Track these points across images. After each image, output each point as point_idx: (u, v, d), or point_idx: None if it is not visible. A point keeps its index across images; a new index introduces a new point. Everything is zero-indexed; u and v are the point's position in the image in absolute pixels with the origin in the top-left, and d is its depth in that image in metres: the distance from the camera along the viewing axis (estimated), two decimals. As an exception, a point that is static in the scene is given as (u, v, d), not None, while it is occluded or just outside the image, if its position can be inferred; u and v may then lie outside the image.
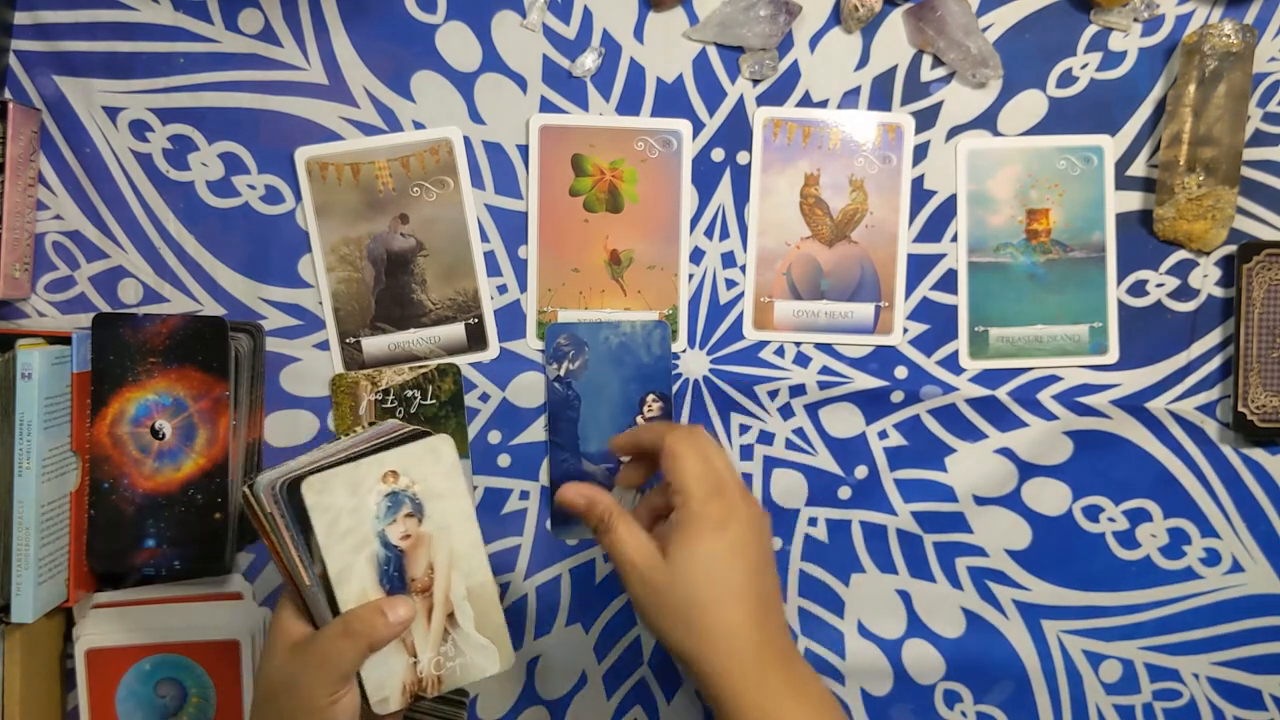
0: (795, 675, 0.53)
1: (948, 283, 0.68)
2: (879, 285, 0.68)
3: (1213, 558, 0.69)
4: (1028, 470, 0.69)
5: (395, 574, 0.53)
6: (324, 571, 0.50)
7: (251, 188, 0.66)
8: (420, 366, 0.67)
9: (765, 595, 0.53)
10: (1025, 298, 0.68)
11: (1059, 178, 0.67)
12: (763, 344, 0.68)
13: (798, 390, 0.68)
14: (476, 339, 0.67)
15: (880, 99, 0.67)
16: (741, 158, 0.67)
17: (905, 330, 0.68)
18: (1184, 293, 0.68)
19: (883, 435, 0.69)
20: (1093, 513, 0.69)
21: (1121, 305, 0.68)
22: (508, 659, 0.56)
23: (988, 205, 0.67)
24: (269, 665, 0.51)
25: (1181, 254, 0.68)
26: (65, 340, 0.62)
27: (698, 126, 0.67)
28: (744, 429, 0.69)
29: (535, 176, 0.66)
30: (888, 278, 0.68)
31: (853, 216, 0.67)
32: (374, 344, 0.67)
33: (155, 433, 0.62)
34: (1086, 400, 0.68)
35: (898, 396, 0.68)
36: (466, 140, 0.66)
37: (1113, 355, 0.68)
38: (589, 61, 0.66)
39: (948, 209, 0.68)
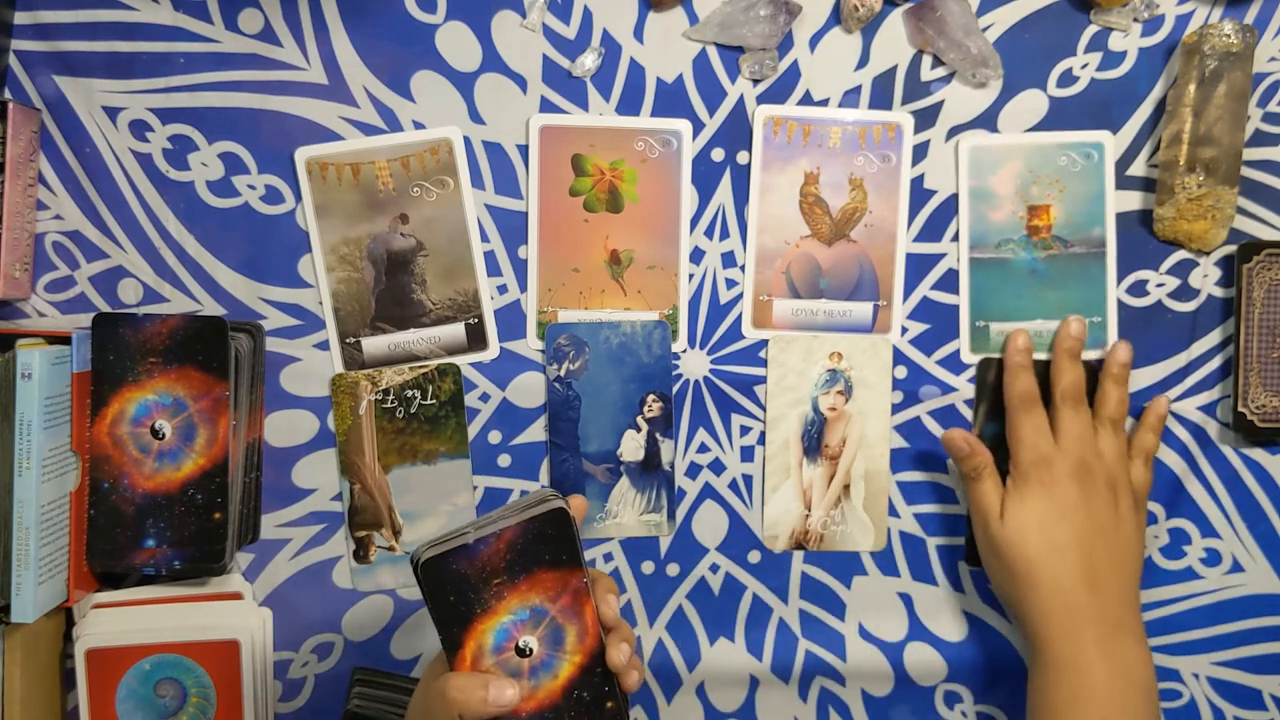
0: (1116, 642, 0.60)
1: (948, 282, 0.68)
2: (877, 284, 0.68)
3: (1213, 558, 0.69)
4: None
5: (815, 435, 0.67)
6: (447, 638, 0.50)
7: (251, 188, 0.66)
8: (420, 366, 0.67)
9: (1097, 560, 0.61)
10: (1026, 293, 0.68)
11: (1060, 174, 0.67)
12: (762, 343, 0.68)
13: (798, 390, 0.68)
14: (476, 339, 0.67)
15: (880, 99, 0.67)
16: (741, 157, 0.67)
17: (904, 330, 0.68)
18: (1184, 293, 0.68)
19: (883, 435, 0.69)
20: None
21: (1121, 305, 0.68)
22: (880, 542, 0.68)
23: (989, 201, 0.67)
24: (420, 683, 0.53)
25: (1181, 254, 0.68)
26: (65, 340, 0.61)
27: (698, 126, 0.67)
28: (744, 429, 0.69)
29: (535, 176, 0.66)
30: (886, 277, 0.68)
31: (852, 215, 0.67)
32: (374, 344, 0.67)
33: (155, 433, 0.62)
34: (1087, 400, 0.68)
35: (897, 397, 0.68)
36: (466, 140, 0.66)
37: None
38: (589, 61, 0.66)
39: (948, 208, 0.68)
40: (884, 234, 0.67)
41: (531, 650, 0.50)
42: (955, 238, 0.68)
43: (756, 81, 0.67)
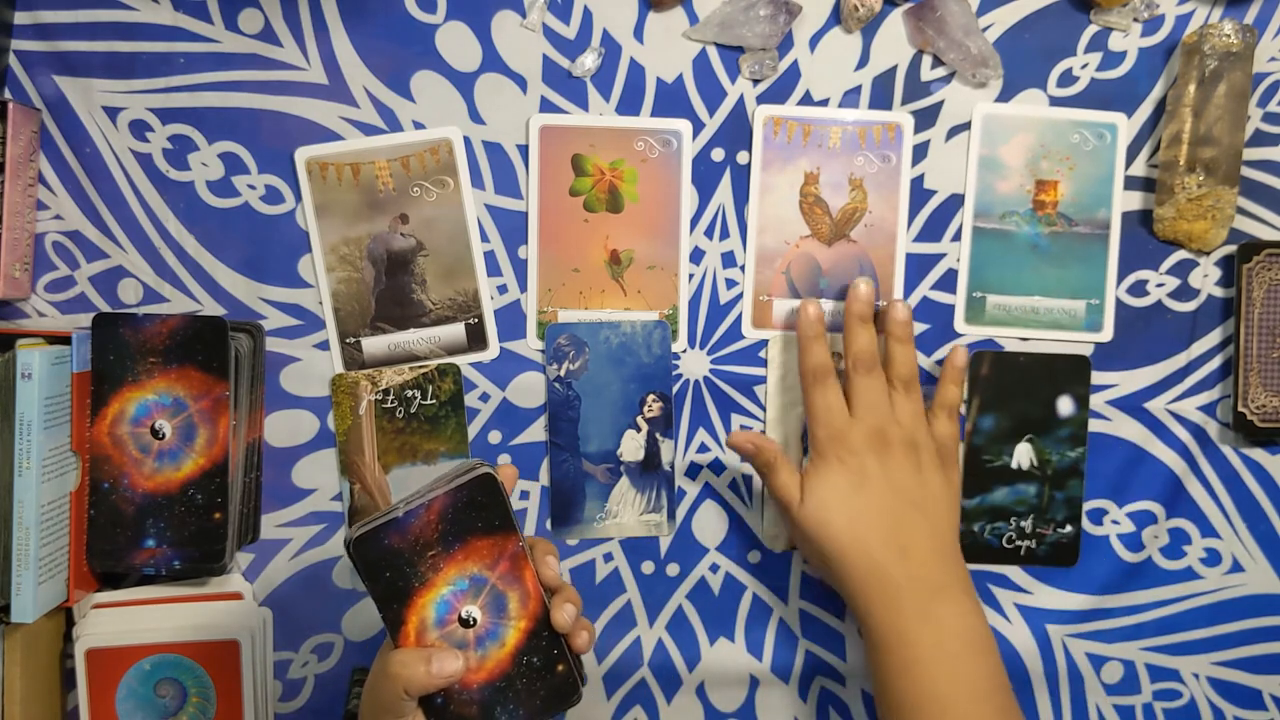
0: (935, 606, 0.58)
1: (948, 282, 0.68)
2: (877, 284, 0.68)
3: (1213, 558, 0.69)
4: (1028, 470, 0.69)
5: None
6: (388, 616, 0.50)
7: (251, 188, 0.66)
8: (420, 366, 0.67)
9: (904, 527, 0.60)
10: (1026, 267, 0.67)
11: (1071, 151, 0.67)
12: (762, 343, 0.68)
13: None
14: (476, 339, 0.67)
15: (880, 99, 0.67)
16: (741, 157, 0.67)
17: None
18: (1184, 293, 0.68)
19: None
20: (1097, 516, 0.69)
21: (1122, 305, 0.68)
22: None
23: (998, 170, 0.67)
24: (372, 667, 0.52)
25: (1181, 254, 0.68)
26: (65, 340, 0.62)
27: (698, 126, 0.67)
28: (744, 429, 0.68)
29: (535, 176, 0.66)
30: (886, 277, 0.68)
31: (852, 215, 0.67)
32: (374, 344, 0.67)
33: (155, 433, 0.62)
34: (1087, 400, 0.68)
35: (898, 396, 0.68)
36: (466, 140, 0.66)
37: (1107, 334, 0.68)
38: (589, 61, 0.66)
39: (948, 208, 0.68)
40: (884, 234, 0.67)
41: (475, 620, 0.50)
42: (956, 237, 0.68)
43: (756, 81, 0.67)
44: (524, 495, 0.68)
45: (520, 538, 0.51)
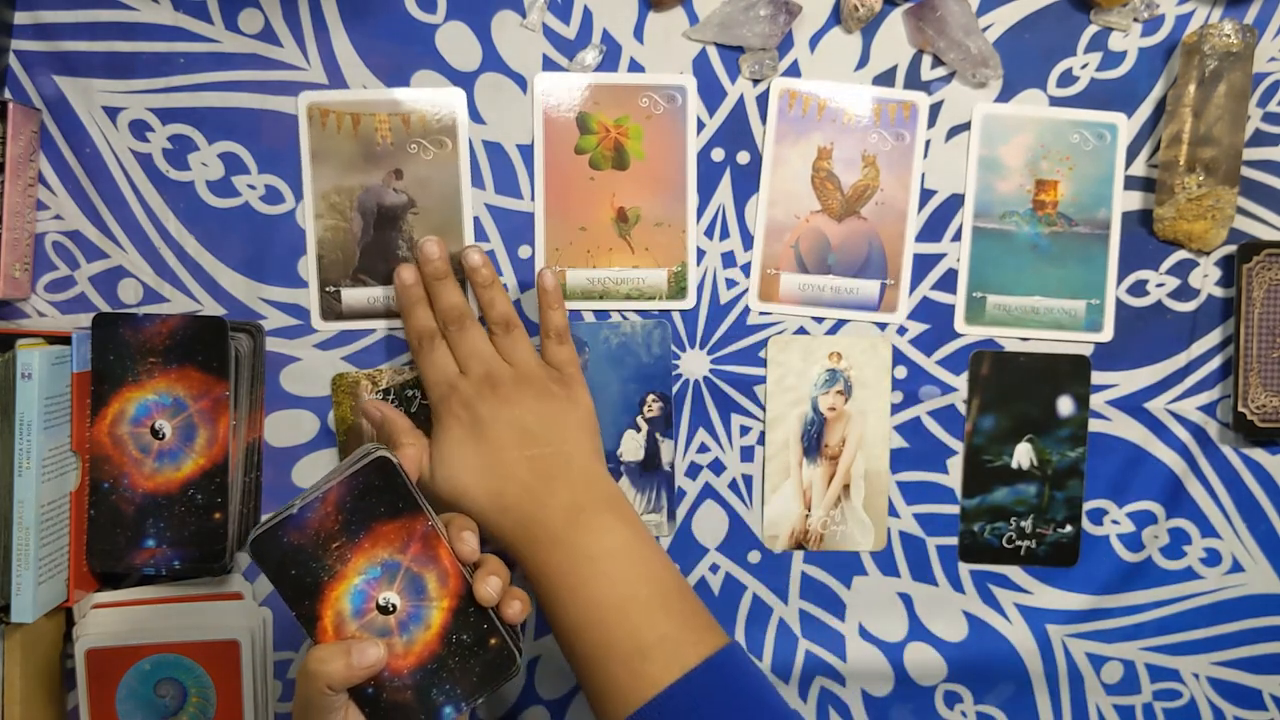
0: (576, 530, 0.57)
1: (948, 282, 0.68)
2: (886, 263, 0.67)
3: (1213, 558, 0.69)
4: (1028, 470, 0.69)
5: (815, 435, 0.66)
6: (301, 613, 0.50)
7: (251, 188, 0.66)
8: (420, 366, 0.67)
9: (533, 464, 0.59)
10: (1026, 268, 0.67)
11: (1071, 151, 0.67)
12: (763, 344, 0.68)
13: (798, 390, 0.68)
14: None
15: (880, 99, 0.67)
16: (741, 158, 0.67)
17: (904, 330, 0.68)
18: (1184, 293, 0.68)
19: (883, 435, 0.69)
20: (1097, 516, 0.69)
21: (1122, 304, 0.68)
22: (880, 542, 0.68)
23: (997, 170, 0.67)
24: None
25: (1181, 254, 0.68)
26: (65, 340, 0.61)
27: (698, 127, 0.67)
28: (744, 429, 0.69)
29: (540, 133, 0.66)
30: (895, 255, 0.67)
31: (863, 192, 0.67)
32: (354, 295, 0.66)
33: (155, 433, 0.62)
34: (1087, 400, 0.68)
35: (897, 397, 0.68)
36: (468, 141, 0.66)
37: (1107, 334, 0.68)
38: (589, 58, 0.66)
39: (949, 208, 0.68)
40: (894, 212, 0.67)
41: (395, 606, 0.50)
42: (956, 238, 0.68)
43: (756, 81, 0.67)
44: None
45: (428, 517, 0.51)
